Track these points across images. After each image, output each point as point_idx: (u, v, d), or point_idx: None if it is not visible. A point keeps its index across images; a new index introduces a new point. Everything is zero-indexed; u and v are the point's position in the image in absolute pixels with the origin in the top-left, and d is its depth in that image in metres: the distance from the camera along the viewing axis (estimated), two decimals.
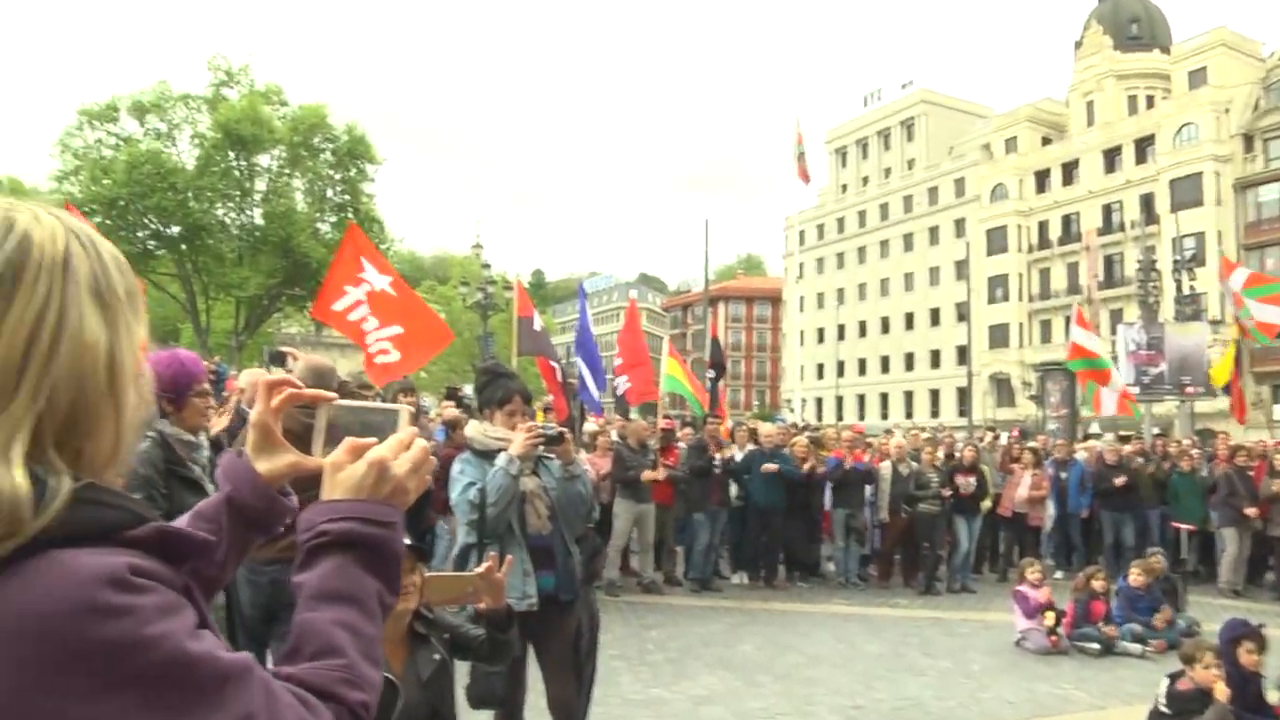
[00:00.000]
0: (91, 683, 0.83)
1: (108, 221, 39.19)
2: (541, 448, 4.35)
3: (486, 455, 4.38)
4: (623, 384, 14.19)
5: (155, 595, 0.89)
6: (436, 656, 3.30)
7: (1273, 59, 54.56)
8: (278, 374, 1.35)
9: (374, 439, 1.23)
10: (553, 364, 12.81)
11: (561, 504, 4.43)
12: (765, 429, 12.91)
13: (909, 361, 72.76)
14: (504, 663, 3.63)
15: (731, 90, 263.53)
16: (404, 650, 3.26)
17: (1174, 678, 5.88)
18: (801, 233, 78.41)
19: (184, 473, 4.02)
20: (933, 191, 72.06)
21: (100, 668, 0.84)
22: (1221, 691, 5.59)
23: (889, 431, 19.17)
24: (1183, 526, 13.75)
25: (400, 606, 3.18)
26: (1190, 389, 29.09)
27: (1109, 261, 58.90)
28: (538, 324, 12.74)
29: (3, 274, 0.92)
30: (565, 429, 4.60)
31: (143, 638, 0.86)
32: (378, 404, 1.39)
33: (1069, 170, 62.86)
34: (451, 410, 10.84)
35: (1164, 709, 5.78)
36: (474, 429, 4.56)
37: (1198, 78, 56.28)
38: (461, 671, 3.63)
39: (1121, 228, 57.64)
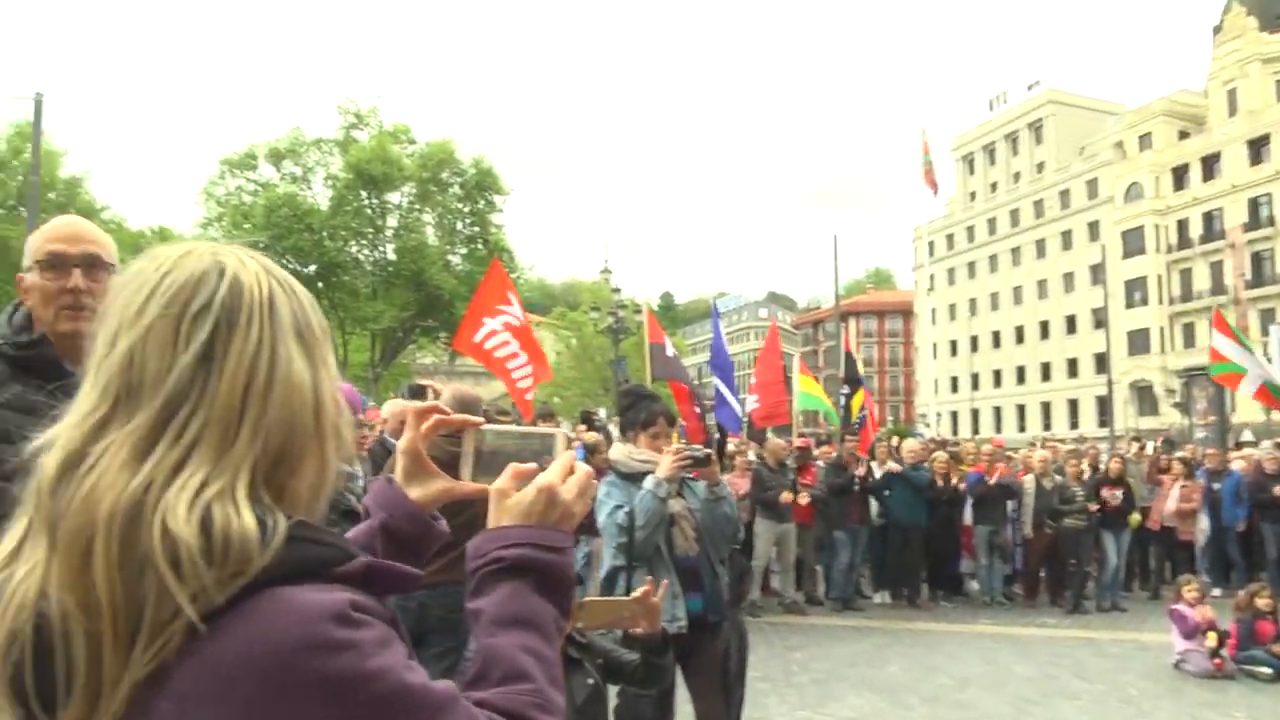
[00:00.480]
0: (321, 715, 0.87)
1: None
2: (687, 470, 4.39)
3: (632, 478, 4.44)
4: (751, 403, 14.18)
5: (373, 629, 0.92)
6: (590, 681, 3.33)
7: None
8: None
9: (534, 464, 1.25)
10: (686, 387, 12.93)
11: (707, 525, 4.47)
12: (907, 444, 12.77)
13: (1045, 371, 70.67)
14: (658, 687, 3.66)
15: (853, 104, 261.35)
16: None
17: None
18: (931, 243, 76.93)
19: (343, 503, 4.19)
20: (1064, 194, 69.99)
21: (329, 701, 0.87)
22: None
23: (1031, 444, 18.68)
24: None
25: None
26: None
27: (1256, 259, 56.22)
28: (669, 349, 12.87)
29: (219, 318, 0.97)
30: (710, 451, 4.64)
31: (366, 671, 0.88)
32: (533, 428, 1.42)
33: (1209, 164, 60.25)
34: (589, 434, 11.04)
35: None
36: (619, 451, 4.62)
37: None
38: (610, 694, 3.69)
39: (1270, 222, 55.03)
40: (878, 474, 12.28)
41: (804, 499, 11.60)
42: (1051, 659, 9.27)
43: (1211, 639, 8.73)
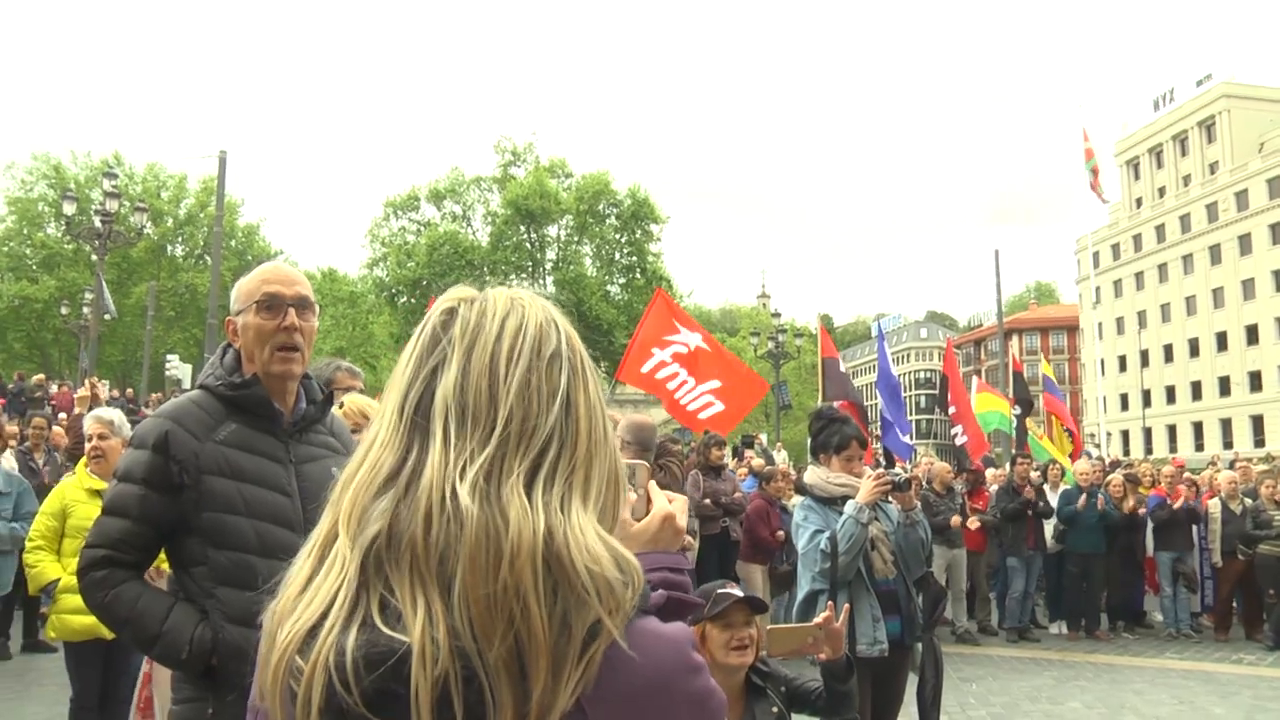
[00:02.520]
0: None
1: (412, 301, 42.78)
2: (887, 495, 4.41)
3: (829, 502, 4.48)
4: (959, 436, 13.80)
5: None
6: (775, 709, 3.35)
7: None
8: None
9: (635, 494, 1.32)
10: (857, 406, 12.82)
11: (902, 549, 4.48)
12: (1079, 466, 12.31)
13: (1224, 386, 66.85)
14: (844, 714, 3.66)
15: (1009, 113, 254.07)
16: (741, 704, 3.34)
17: None
18: (1096, 254, 73.97)
19: None
20: (1240, 196, 66.28)
21: (697, 712, 1.00)
22: None
23: (1212, 463, 17.76)
24: None
25: (736, 660, 3.27)
26: None
27: None
28: (842, 365, 12.75)
29: (571, 367, 1.06)
30: (909, 475, 4.65)
31: (711, 686, 1.03)
32: (626, 459, 1.50)
33: None
34: (758, 460, 11.09)
35: None
36: (814, 476, 4.65)
37: None
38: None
39: None
40: (1052, 499, 11.88)
41: (974, 524, 11.32)
42: (1254, 700, 8.69)
43: None
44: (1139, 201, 76.94)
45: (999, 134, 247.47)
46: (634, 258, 45.17)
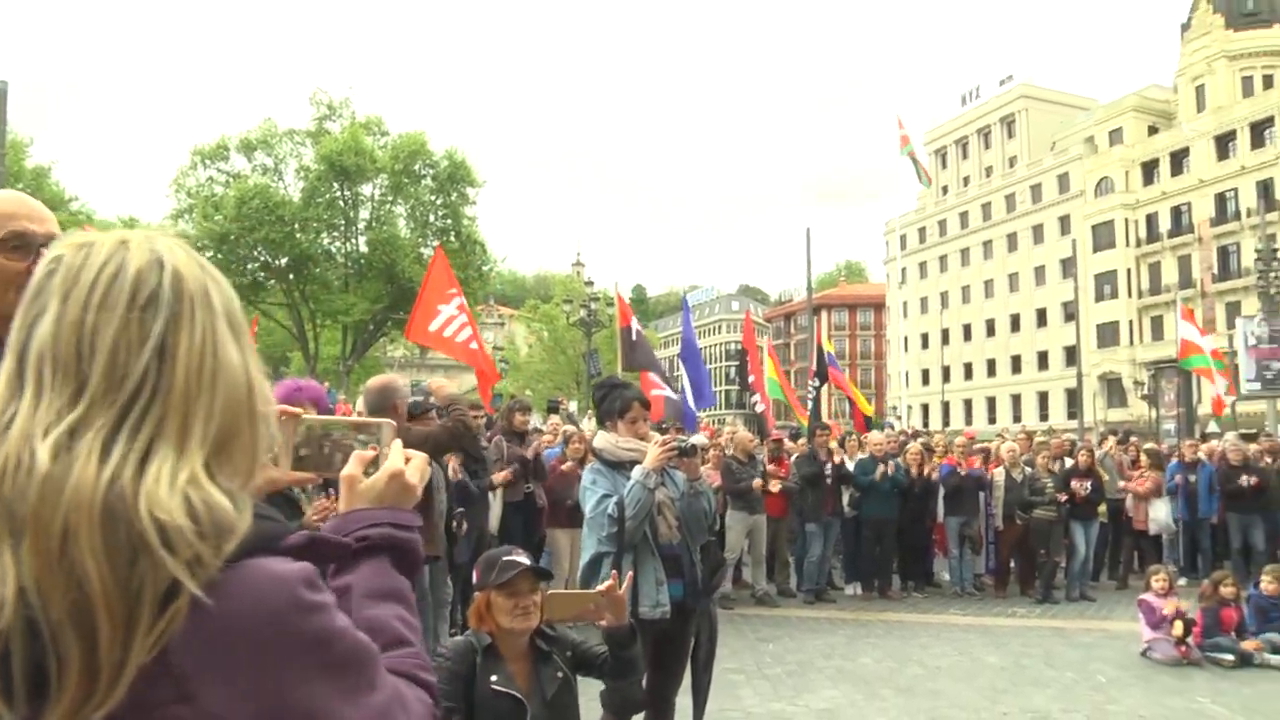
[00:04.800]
0: (304, 668, 0.96)
1: (219, 256, 40.76)
2: (673, 460, 4.43)
3: (617, 466, 4.49)
4: (758, 405, 14.08)
5: (328, 593, 1.02)
6: (560, 674, 3.37)
7: None
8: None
9: (372, 452, 1.35)
10: (653, 378, 12.90)
11: (686, 516, 4.52)
12: (874, 437, 12.80)
13: (1016, 364, 71.18)
14: (628, 678, 3.69)
15: (823, 99, 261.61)
16: (528, 668, 3.34)
17: None
18: (903, 237, 77.49)
19: (287, 492, 4.16)
20: (1035, 189, 70.49)
21: (309, 656, 0.97)
22: None
23: (1001, 436, 18.81)
24: None
25: (520, 625, 3.27)
26: None
27: (1224, 253, 56.88)
28: (634, 332, 12.78)
29: (169, 311, 1.01)
30: (695, 442, 4.69)
31: (334, 629, 1.00)
32: (363, 419, 1.45)
33: (1178, 160, 60.84)
34: (568, 427, 11.07)
35: None
36: (603, 440, 4.66)
37: None
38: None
39: (1237, 217, 55.61)
40: (850, 467, 12.32)
41: (775, 487, 11.62)
42: (1022, 648, 9.35)
43: (1178, 628, 8.83)
44: (945, 189, 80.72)
45: (819, 117, 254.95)
46: (449, 220, 44.30)
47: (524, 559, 3.32)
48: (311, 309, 43.99)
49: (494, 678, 3.22)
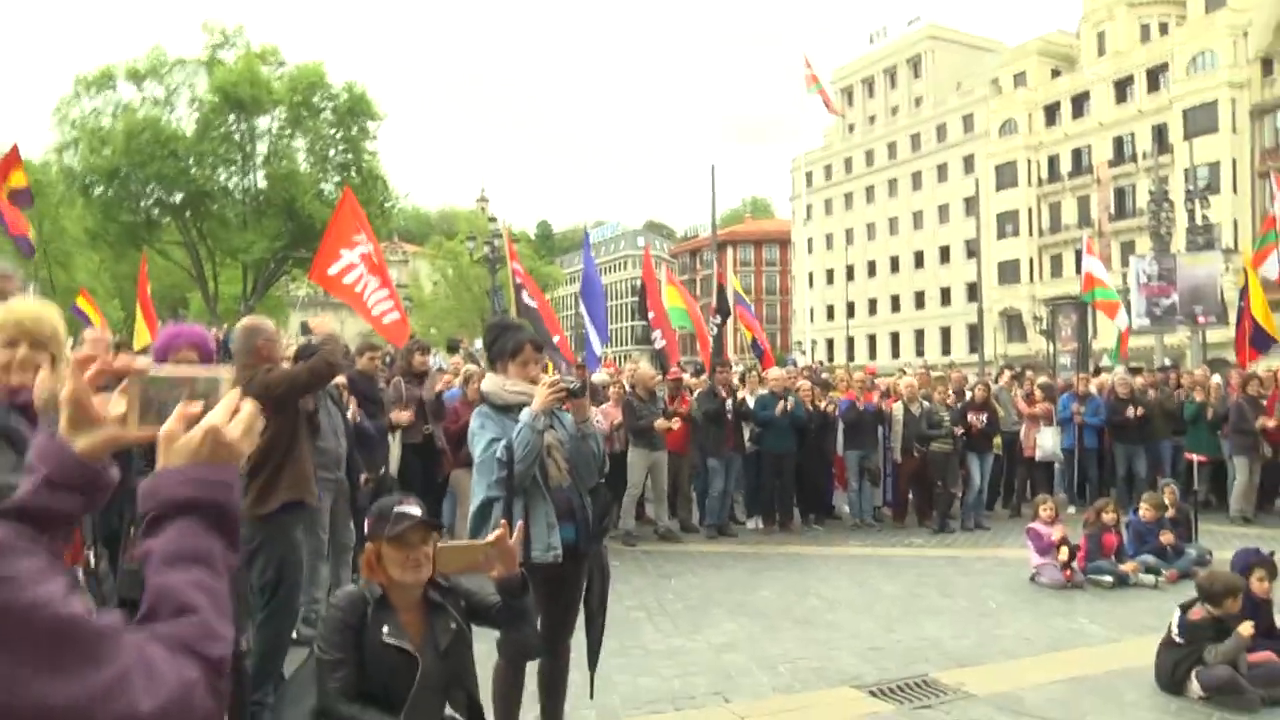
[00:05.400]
0: None
1: (110, 193, 39.18)
2: (561, 402, 4.35)
3: (505, 409, 4.39)
4: (658, 340, 13.96)
5: (29, 560, 0.96)
6: (453, 625, 3.32)
7: None
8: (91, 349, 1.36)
9: (201, 406, 1.28)
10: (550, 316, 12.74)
11: (575, 459, 4.46)
12: (773, 373, 12.88)
13: (919, 300, 72.57)
14: (523, 626, 3.66)
15: (736, 35, 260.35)
16: (420, 620, 3.28)
17: (1186, 608, 5.92)
18: (809, 174, 77.92)
19: None
20: (941, 129, 71.39)
21: None
22: (1247, 629, 5.64)
23: (901, 371, 19.15)
24: (1195, 458, 13.80)
25: (412, 578, 3.22)
26: (1202, 318, 29.08)
27: (1120, 194, 58.45)
28: (527, 297, 12.40)
29: None
30: (582, 382, 4.61)
31: (25, 602, 0.93)
32: (198, 370, 1.39)
33: (1079, 103, 62.13)
34: (470, 366, 10.88)
35: (1176, 639, 5.83)
36: (491, 383, 4.54)
37: (1214, 1, 55.19)
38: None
39: (1133, 159, 57.12)
40: (750, 402, 12.41)
41: (675, 424, 11.63)
42: (918, 578, 9.58)
43: (1063, 553, 9.17)
44: (851, 127, 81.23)
45: (729, 56, 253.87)
46: (349, 155, 43.19)
47: (415, 510, 3.26)
48: (210, 247, 42.69)
49: (385, 629, 3.16)
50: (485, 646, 3.85)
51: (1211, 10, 54.83)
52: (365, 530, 3.37)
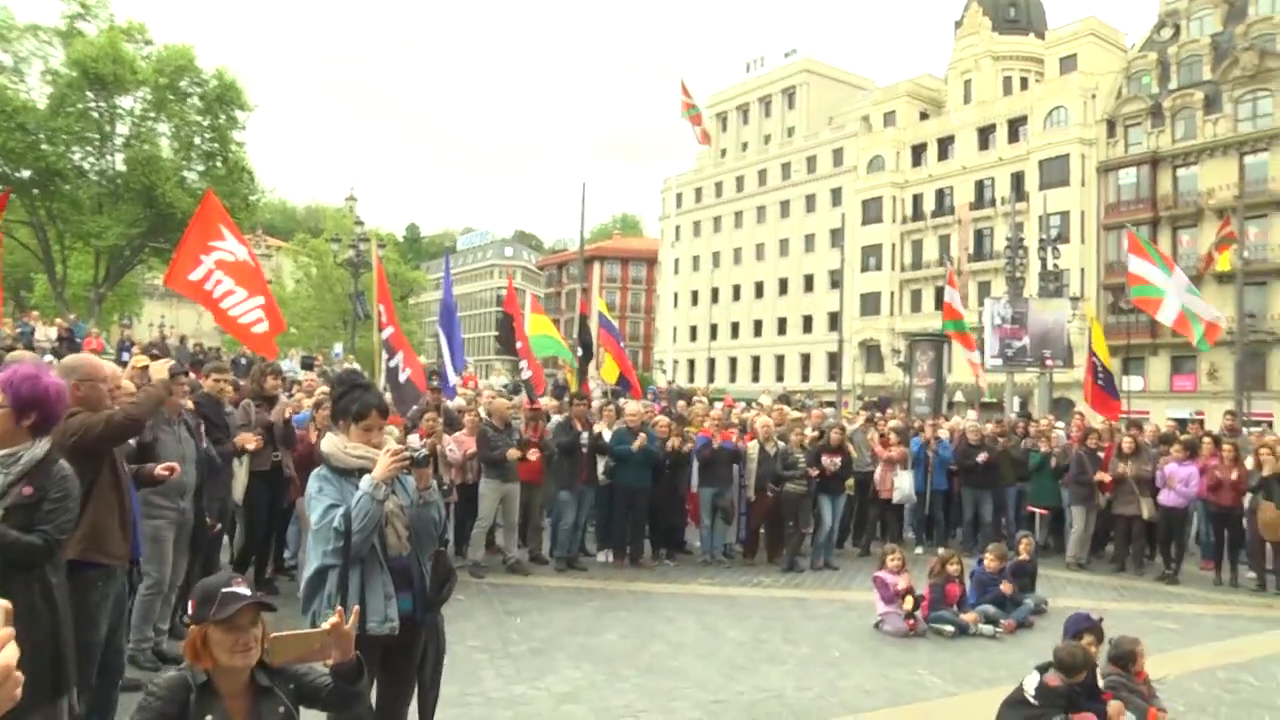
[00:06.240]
0: None
1: None
2: (405, 470, 4.15)
3: (345, 473, 4.15)
4: (525, 371, 13.67)
5: None
6: (281, 709, 3.10)
7: (1134, 51, 56.98)
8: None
9: None
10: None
11: (416, 526, 4.25)
12: (630, 407, 12.78)
13: (781, 326, 73.93)
14: (353, 711, 3.45)
15: (615, 53, 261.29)
16: (247, 706, 3.04)
17: (1043, 670, 5.98)
18: (679, 195, 78.78)
19: None
20: (811, 160, 73.02)
21: None
22: (1116, 710, 5.81)
23: (757, 403, 19.36)
24: (1038, 510, 14.36)
25: (241, 662, 2.99)
26: (1050, 361, 30.31)
27: (979, 235, 60.80)
28: (392, 360, 11.88)
29: None
30: (427, 450, 4.38)
31: None
32: None
33: (944, 145, 64.46)
34: (323, 387, 10.48)
35: (1031, 699, 5.87)
36: (331, 444, 4.28)
37: (1069, 63, 58.46)
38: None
39: (993, 203, 59.48)
40: (607, 435, 12.28)
41: (534, 455, 11.42)
42: (764, 621, 9.55)
43: (908, 603, 9.31)
44: (724, 152, 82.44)
45: (607, 74, 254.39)
46: (216, 144, 41.73)
47: (244, 589, 3.02)
48: (60, 229, 40.56)
49: (208, 717, 2.91)
50: None
51: (1065, 71, 58.06)
52: (189, 611, 3.08)
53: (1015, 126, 59.74)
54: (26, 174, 38.59)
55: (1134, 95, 53.82)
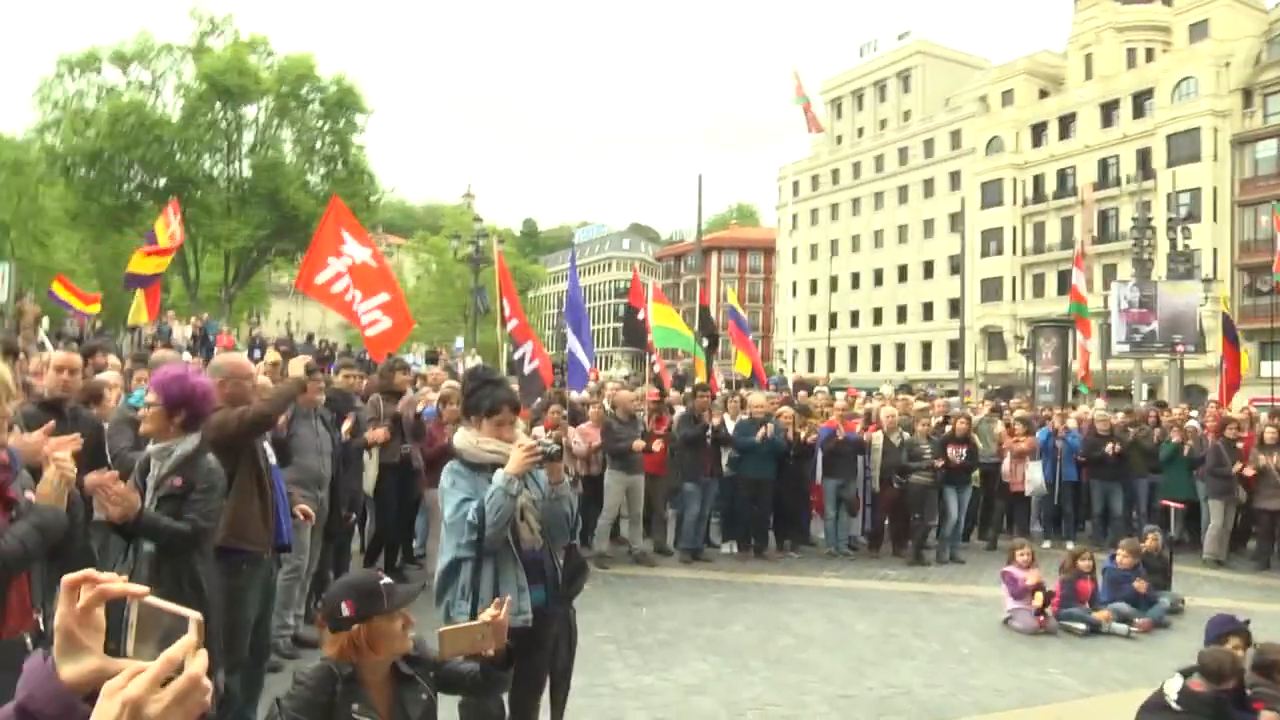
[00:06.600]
0: None
1: (92, 174, 38.91)
2: (538, 465, 4.26)
3: (478, 468, 4.28)
4: (655, 366, 13.66)
5: None
6: (424, 696, 3.22)
7: (1275, 10, 53.86)
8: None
9: (145, 665, 1.14)
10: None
11: (548, 520, 4.37)
12: (754, 399, 12.81)
13: (901, 314, 72.63)
14: (496, 695, 3.57)
15: (727, 41, 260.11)
16: (390, 694, 3.18)
17: (1186, 674, 5.76)
18: (795, 184, 77.93)
19: None
20: (928, 144, 71.52)
21: None
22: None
23: (879, 393, 19.14)
24: (1172, 504, 13.85)
25: (404, 646, 3.13)
26: (1180, 346, 29.22)
27: (1104, 217, 58.71)
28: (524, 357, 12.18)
29: None
30: (559, 446, 4.49)
31: None
32: (174, 608, 1.26)
33: (1065, 124, 62.34)
34: (450, 382, 10.76)
35: (1174, 705, 5.66)
36: (464, 439, 4.41)
37: (1199, 30, 55.58)
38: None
39: (1117, 183, 57.36)
40: (730, 426, 12.33)
41: (657, 446, 11.55)
42: (891, 616, 9.51)
43: (1037, 599, 9.14)
44: (840, 139, 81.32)
45: (720, 62, 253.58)
46: (336, 148, 43.12)
47: (389, 579, 3.17)
48: (193, 233, 42.38)
49: (355, 706, 3.06)
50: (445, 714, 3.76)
51: (1195, 40, 55.20)
52: (345, 611, 3.19)
53: (1141, 101, 57.35)
54: (163, 182, 40.42)
55: (1274, 60, 50.99)
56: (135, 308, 16.78)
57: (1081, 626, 9.06)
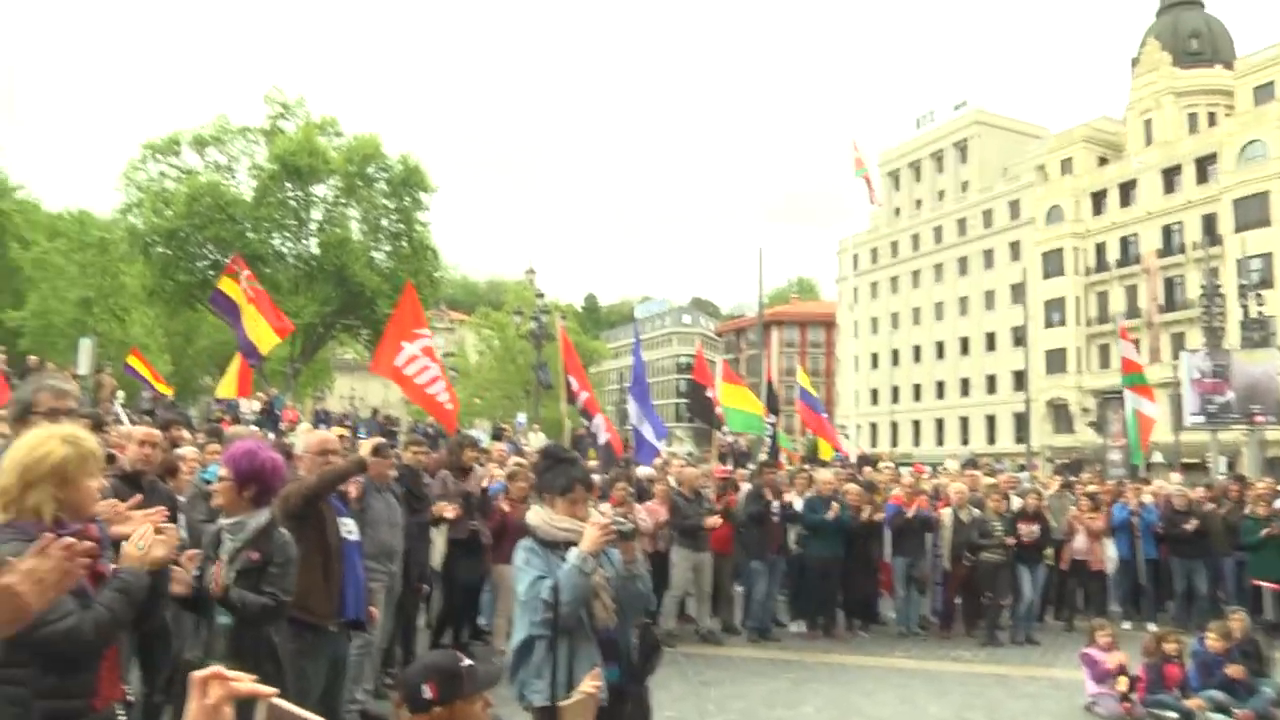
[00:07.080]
0: None
1: (168, 252, 40.15)
2: (612, 544, 4.24)
3: (552, 545, 4.27)
4: (727, 435, 13.68)
5: None
6: None
7: None
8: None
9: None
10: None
11: (622, 598, 4.33)
12: (821, 475, 12.67)
13: (964, 387, 71.81)
14: None
15: (784, 114, 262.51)
16: None
17: None
18: (855, 256, 78.04)
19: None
20: (987, 214, 71.27)
21: None
22: None
23: (944, 468, 18.80)
24: (1265, 585, 13.19)
25: None
26: (1260, 417, 28.47)
27: (1170, 284, 57.86)
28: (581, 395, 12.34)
29: None
30: (635, 525, 4.47)
31: None
32: (303, 712, 1.30)
33: (1126, 191, 61.84)
34: (516, 459, 10.84)
35: None
36: (537, 517, 4.41)
37: (1264, 93, 55.02)
38: None
39: (1182, 249, 56.63)
40: (798, 504, 12.18)
41: (717, 521, 11.41)
42: (965, 698, 9.22)
43: (1122, 683, 8.80)
44: (898, 211, 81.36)
45: (777, 134, 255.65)
46: (402, 225, 44.02)
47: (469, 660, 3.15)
48: None
49: None
50: None
51: (1261, 101, 54.67)
52: (428, 694, 3.12)
53: (1204, 165, 56.79)
54: None
55: None
56: (226, 380, 16.90)
57: (1174, 715, 8.62)
